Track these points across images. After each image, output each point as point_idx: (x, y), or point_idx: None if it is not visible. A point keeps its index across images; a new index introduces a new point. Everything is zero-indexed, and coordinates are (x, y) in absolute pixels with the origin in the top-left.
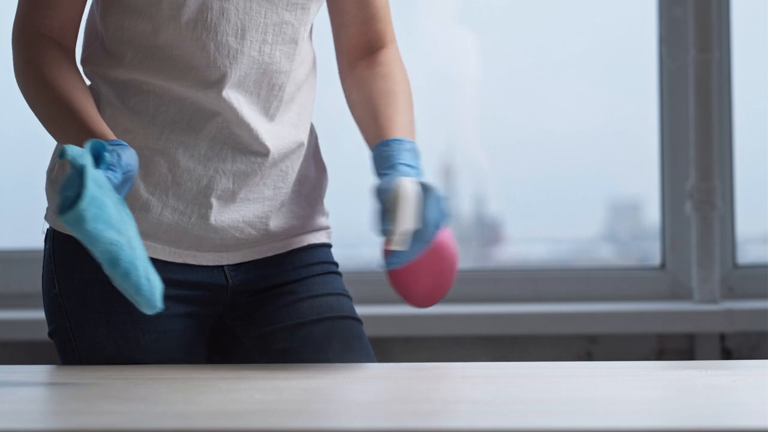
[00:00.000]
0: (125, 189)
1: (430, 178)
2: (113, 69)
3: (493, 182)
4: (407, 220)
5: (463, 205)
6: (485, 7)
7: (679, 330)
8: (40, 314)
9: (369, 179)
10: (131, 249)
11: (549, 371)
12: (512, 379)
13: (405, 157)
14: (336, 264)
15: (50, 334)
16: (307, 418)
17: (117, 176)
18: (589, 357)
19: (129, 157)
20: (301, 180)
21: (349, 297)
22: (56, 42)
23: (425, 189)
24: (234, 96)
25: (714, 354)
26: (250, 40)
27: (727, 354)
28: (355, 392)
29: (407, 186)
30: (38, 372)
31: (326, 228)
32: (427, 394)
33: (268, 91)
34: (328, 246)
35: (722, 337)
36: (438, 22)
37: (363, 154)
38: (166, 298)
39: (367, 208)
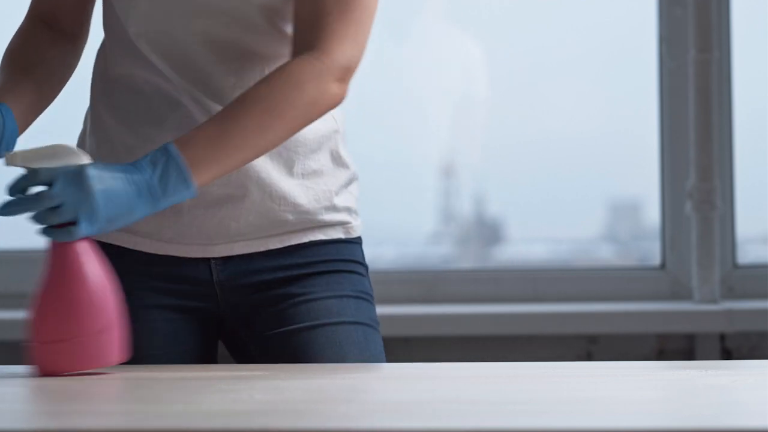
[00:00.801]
0: None
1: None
2: (109, 65)
3: (493, 182)
4: (27, 152)
5: (463, 205)
6: (485, 7)
7: (679, 330)
8: None
9: (374, 179)
10: None
11: (549, 371)
12: (512, 379)
13: (151, 156)
14: (353, 261)
15: None
16: (307, 418)
17: None
18: (589, 357)
19: None
20: (306, 174)
21: (359, 298)
22: (48, 24)
23: (81, 170)
24: (187, 87)
25: (714, 354)
26: (176, 39)
27: (727, 354)
28: (355, 392)
29: (62, 145)
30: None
31: (344, 223)
32: (427, 394)
33: (221, 86)
34: (345, 242)
35: (722, 337)
36: (437, 22)
37: (369, 154)
38: (151, 289)
39: (369, 208)
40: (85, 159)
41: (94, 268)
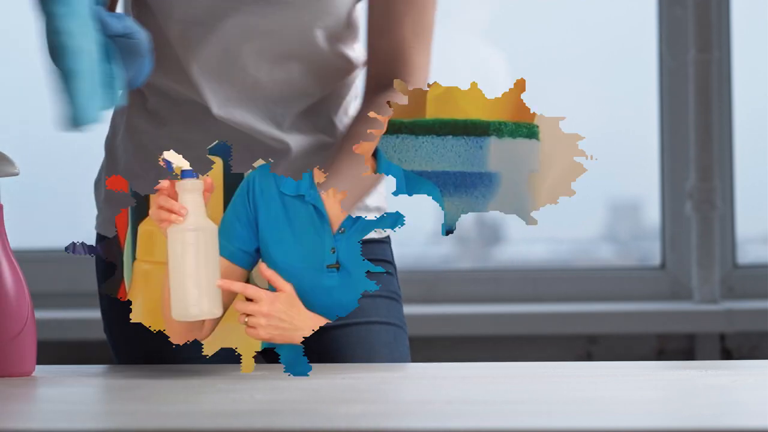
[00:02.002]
0: (130, 54)
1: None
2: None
3: None
4: None
5: None
6: (485, 8)
7: (679, 330)
8: (42, 315)
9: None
10: (82, 52)
11: (549, 371)
12: (512, 379)
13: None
14: (383, 261)
15: None
16: (307, 418)
17: (116, 24)
18: (589, 357)
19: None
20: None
21: (389, 298)
22: None
23: None
24: (212, 89)
25: (714, 354)
26: (218, 36)
27: (727, 354)
28: (356, 392)
29: None
30: (37, 373)
31: None
32: (428, 394)
33: (242, 90)
34: (377, 242)
35: (722, 337)
36: (438, 23)
37: None
38: None
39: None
40: (11, 168)
41: (7, 276)
